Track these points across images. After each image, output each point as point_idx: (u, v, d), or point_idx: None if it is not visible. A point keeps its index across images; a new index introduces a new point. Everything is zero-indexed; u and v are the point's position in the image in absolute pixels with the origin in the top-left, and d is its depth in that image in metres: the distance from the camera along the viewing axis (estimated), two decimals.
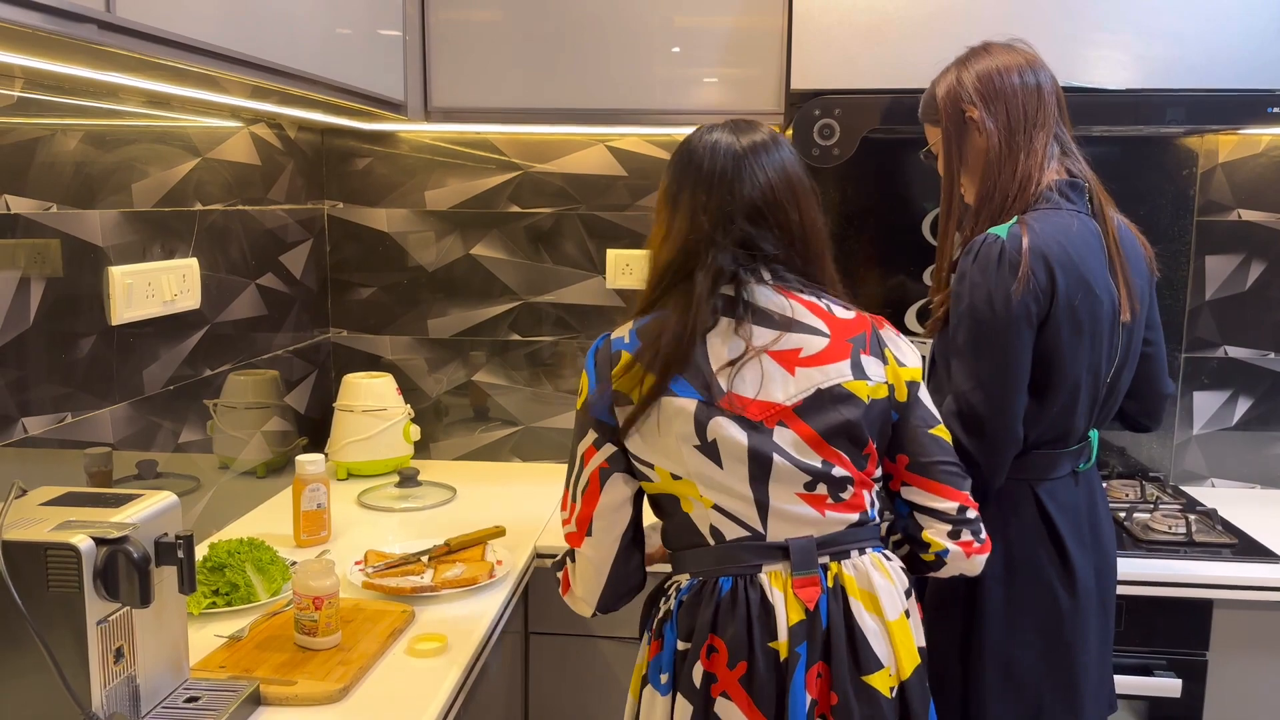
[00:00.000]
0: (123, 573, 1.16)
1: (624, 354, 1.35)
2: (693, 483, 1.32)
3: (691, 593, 1.34)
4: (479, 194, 2.47)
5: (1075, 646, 1.55)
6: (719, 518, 1.33)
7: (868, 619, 1.31)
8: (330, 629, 1.47)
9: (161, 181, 1.80)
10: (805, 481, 1.31)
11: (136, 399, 1.74)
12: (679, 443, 1.31)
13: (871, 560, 1.35)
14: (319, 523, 1.94)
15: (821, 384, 1.32)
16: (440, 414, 2.56)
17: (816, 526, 1.33)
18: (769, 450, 1.30)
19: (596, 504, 1.37)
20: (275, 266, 2.25)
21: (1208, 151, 2.31)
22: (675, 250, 1.35)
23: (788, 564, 1.31)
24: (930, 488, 1.38)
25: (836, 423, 1.31)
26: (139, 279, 1.71)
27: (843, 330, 1.35)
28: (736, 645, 1.29)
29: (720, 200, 1.33)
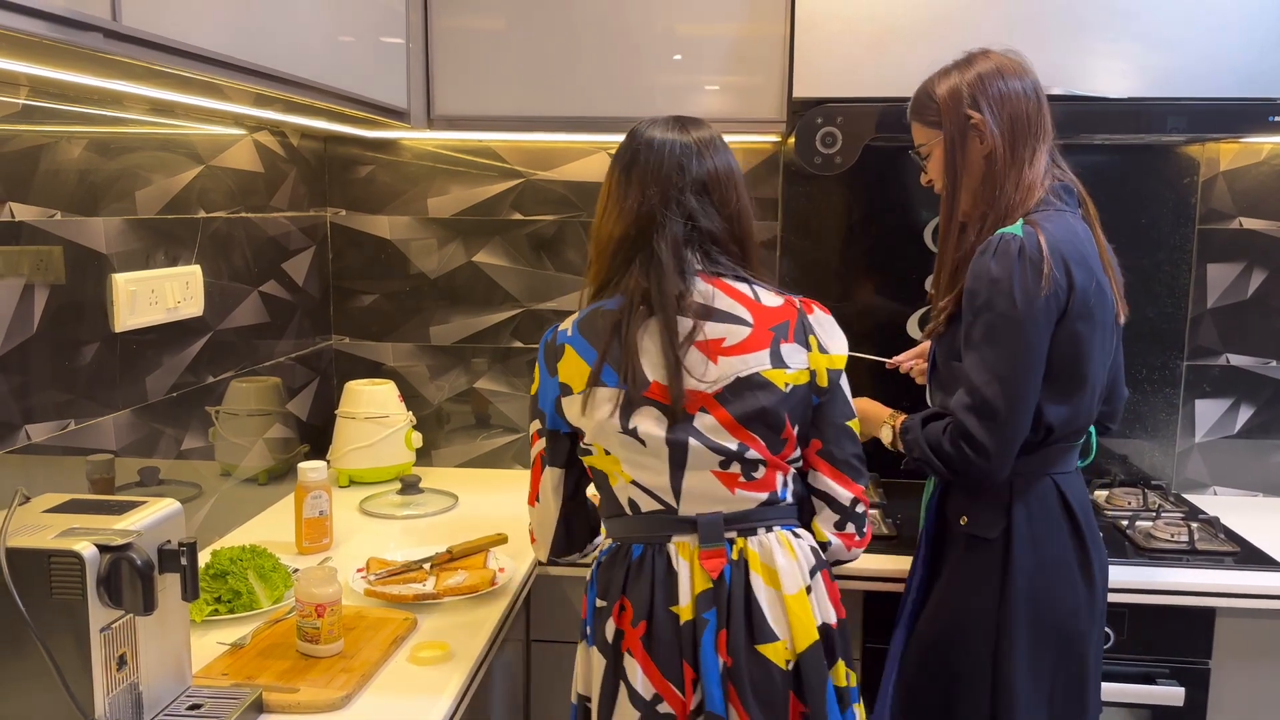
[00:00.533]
0: (126, 580, 1.16)
1: (566, 347, 1.46)
2: (618, 461, 1.44)
3: (609, 555, 1.49)
4: (481, 201, 2.47)
5: (1089, 640, 1.56)
6: (637, 492, 1.45)
7: (766, 592, 1.41)
8: (333, 636, 1.47)
9: (165, 189, 1.81)
10: (720, 461, 1.41)
11: (139, 406, 1.74)
12: (606, 427, 1.42)
13: (777, 538, 1.44)
14: (321, 530, 1.94)
15: (741, 372, 1.41)
16: (442, 421, 2.56)
17: (726, 503, 1.43)
18: (685, 437, 1.40)
19: (539, 480, 1.54)
20: (278, 274, 2.25)
21: (1209, 160, 2.31)
22: (626, 224, 1.44)
23: (696, 536, 1.42)
24: (834, 476, 1.47)
25: (753, 409, 1.41)
26: (142, 286, 1.71)
27: (766, 318, 1.44)
28: (639, 605, 1.42)
29: (669, 174, 1.44)
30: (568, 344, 1.46)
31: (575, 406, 1.45)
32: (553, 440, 1.50)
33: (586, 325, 1.46)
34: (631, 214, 1.44)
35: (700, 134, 1.47)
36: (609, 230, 1.47)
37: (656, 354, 1.41)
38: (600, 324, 1.44)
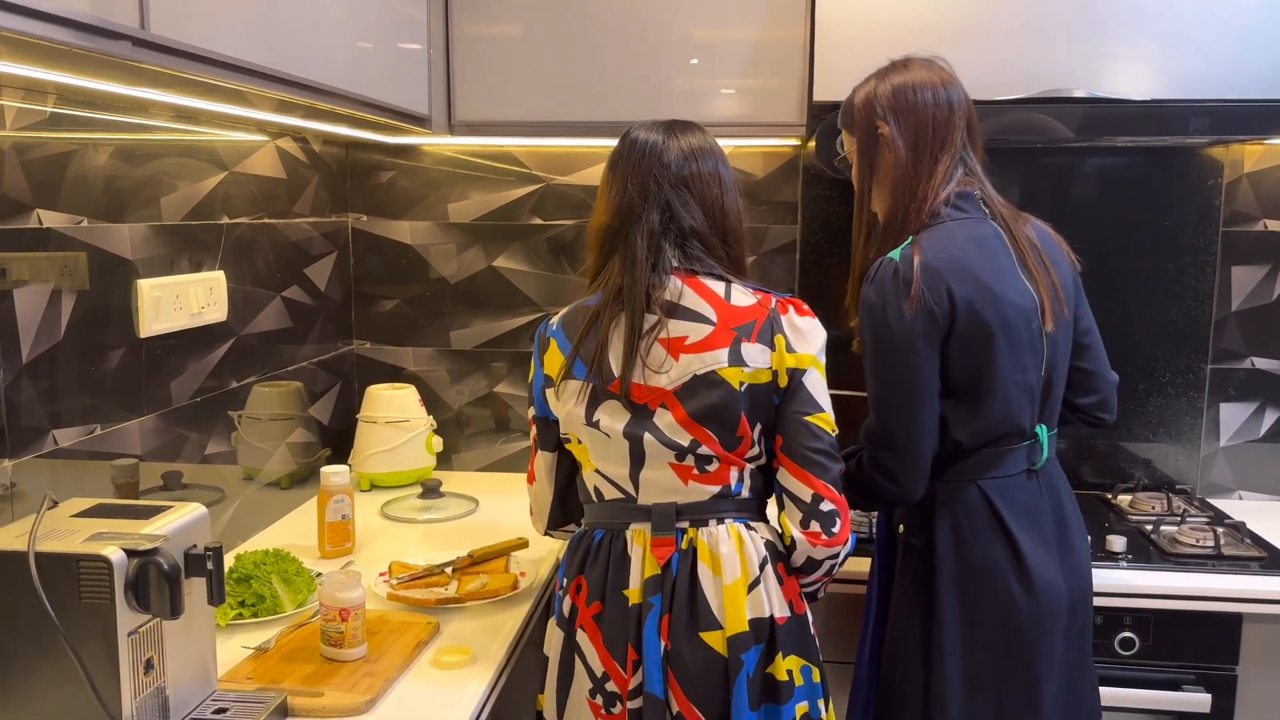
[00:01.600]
0: (153, 584, 1.17)
1: (550, 340, 1.53)
2: (586, 450, 1.51)
3: (577, 538, 1.56)
4: (501, 206, 2.48)
5: (1036, 645, 1.54)
6: (601, 481, 1.51)
7: (711, 581, 1.44)
8: (356, 641, 1.47)
9: (189, 195, 1.82)
10: (674, 454, 1.46)
11: (164, 411, 1.75)
12: (574, 417, 1.50)
13: (728, 529, 1.47)
14: (344, 534, 1.94)
15: (698, 370, 1.44)
16: (462, 425, 2.56)
17: (680, 494, 1.47)
18: (642, 432, 1.45)
19: (534, 463, 1.63)
20: (300, 279, 2.26)
21: (1233, 162, 2.30)
22: (610, 215, 1.50)
23: (650, 525, 1.47)
24: (795, 472, 1.47)
25: (706, 405, 1.44)
26: (167, 292, 1.72)
27: (731, 317, 1.45)
28: (595, 586, 1.49)
29: (650, 167, 1.48)
30: (552, 337, 1.53)
31: (553, 397, 1.53)
32: (543, 427, 1.58)
33: (569, 319, 1.53)
34: (613, 206, 1.50)
35: (688, 136, 1.51)
36: (594, 223, 1.54)
37: (621, 348, 1.46)
38: (579, 318, 1.51)
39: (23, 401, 1.42)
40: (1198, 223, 2.33)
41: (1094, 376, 1.71)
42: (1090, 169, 2.35)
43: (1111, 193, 2.35)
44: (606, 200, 1.51)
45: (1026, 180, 2.35)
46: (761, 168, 2.39)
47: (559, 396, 1.51)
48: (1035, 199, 2.34)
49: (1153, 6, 1.91)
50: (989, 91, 1.95)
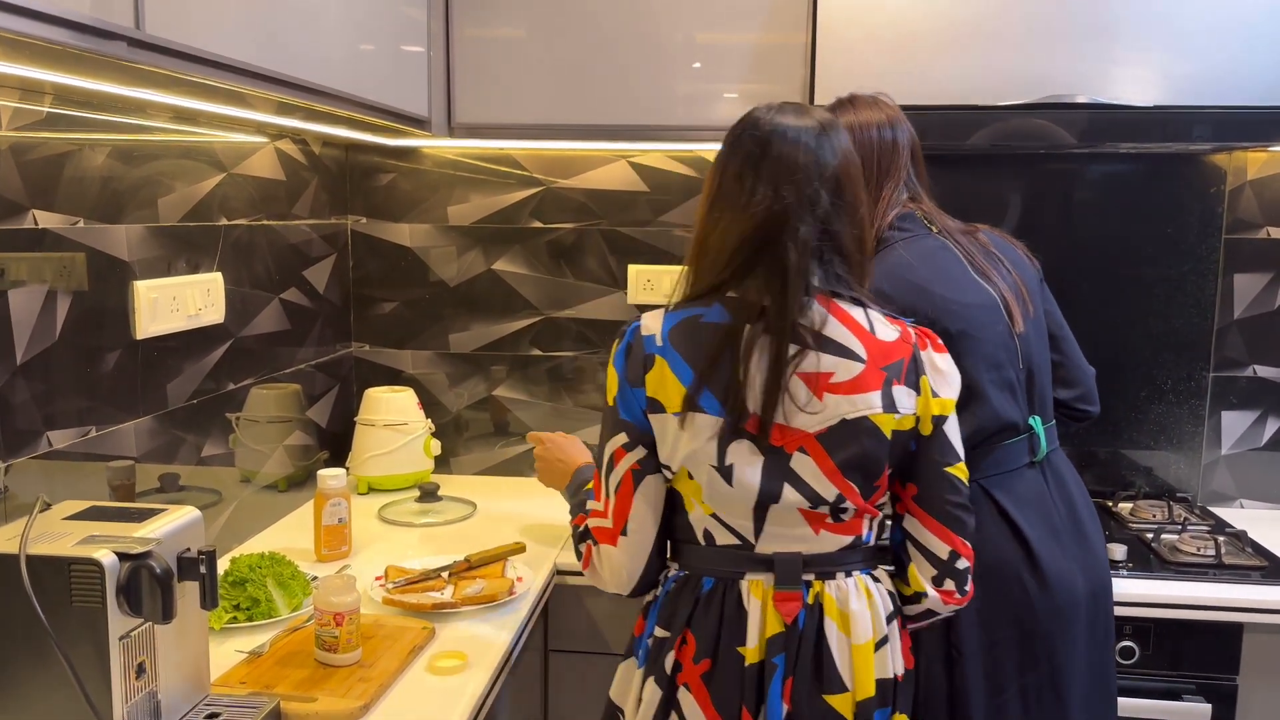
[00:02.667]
0: (145, 588, 1.16)
1: (657, 359, 1.31)
2: (700, 489, 1.33)
3: (676, 584, 1.38)
4: (501, 209, 2.47)
5: (1054, 639, 1.53)
6: (714, 524, 1.34)
7: (838, 640, 1.32)
8: (351, 645, 1.46)
9: (187, 196, 1.81)
10: (811, 503, 1.31)
11: (160, 413, 1.74)
12: (698, 456, 1.30)
13: (856, 583, 1.34)
14: (340, 537, 1.94)
15: (848, 414, 1.29)
16: (460, 429, 2.55)
17: (808, 544, 1.33)
18: (780, 480, 1.29)
19: (631, 505, 1.35)
20: (299, 281, 2.26)
21: (1236, 169, 2.29)
22: (751, 225, 1.28)
23: (771, 576, 1.32)
24: (930, 525, 1.36)
25: (856, 455, 1.30)
26: (164, 293, 1.72)
27: (880, 356, 1.31)
28: (705, 642, 1.33)
29: (807, 167, 1.28)
30: (659, 355, 1.31)
31: (667, 427, 1.31)
32: (646, 458, 1.34)
33: (681, 336, 1.31)
34: (759, 213, 1.28)
35: (835, 130, 1.33)
36: (726, 230, 1.30)
37: (760, 382, 1.28)
38: (700, 338, 1.30)
39: (17, 403, 1.42)
40: (1200, 230, 2.32)
41: (1070, 369, 1.74)
42: (1092, 175, 2.34)
43: (1114, 199, 2.34)
44: (745, 204, 1.28)
45: (1028, 186, 2.34)
46: None
47: (679, 430, 1.30)
48: (1037, 205, 2.34)
49: (1156, 11, 1.91)
50: (991, 97, 1.95)
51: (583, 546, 1.42)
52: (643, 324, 1.35)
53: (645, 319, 1.35)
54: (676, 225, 2.42)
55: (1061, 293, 1.77)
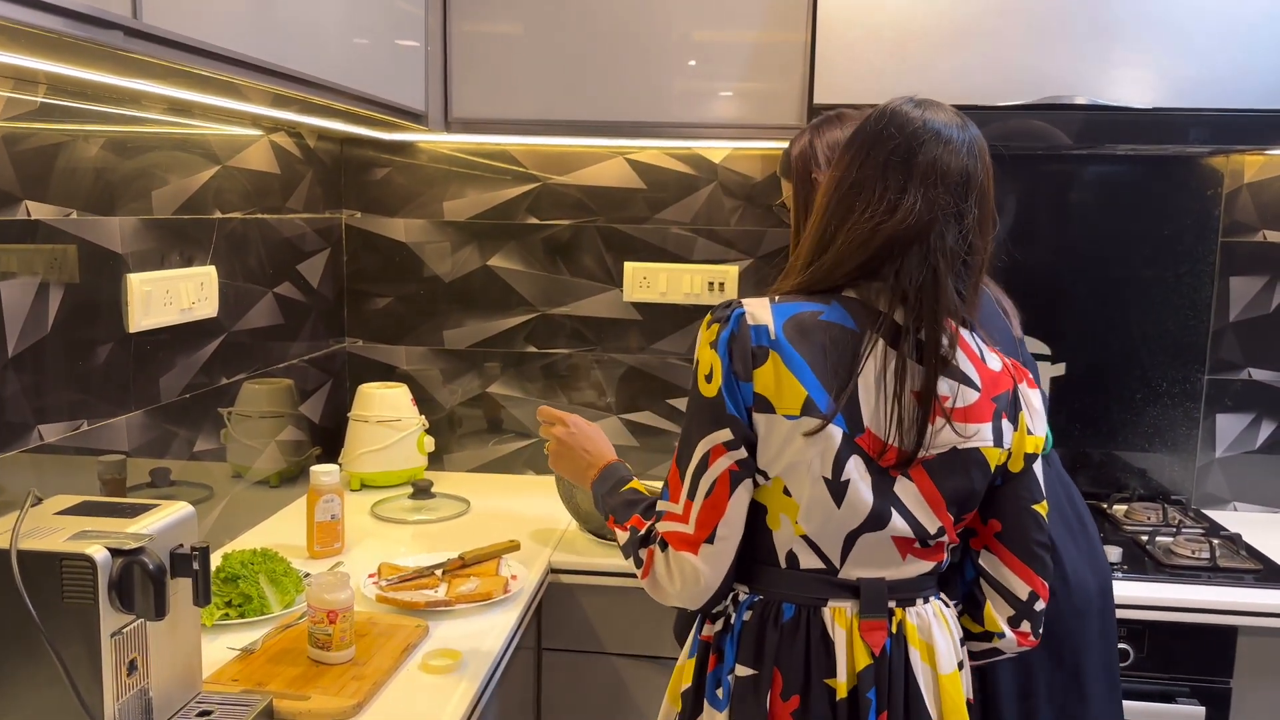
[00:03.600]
0: (138, 584, 1.14)
1: (772, 354, 1.19)
2: (795, 506, 1.21)
3: (753, 613, 1.26)
4: (497, 205, 2.46)
5: (1076, 637, 1.52)
6: (802, 546, 1.23)
7: (923, 670, 1.25)
8: (344, 643, 1.45)
9: (181, 189, 1.80)
10: (912, 535, 1.24)
11: (152, 407, 1.73)
12: (805, 467, 1.19)
13: (934, 610, 1.28)
14: (333, 534, 1.92)
15: (960, 444, 1.22)
16: (454, 425, 2.54)
17: (892, 570, 1.25)
18: (889, 508, 1.21)
19: (724, 512, 1.21)
20: (293, 275, 2.24)
21: (1233, 171, 2.29)
22: (895, 226, 1.18)
23: (855, 603, 1.24)
24: (1012, 565, 1.30)
25: (963, 489, 1.24)
26: (157, 286, 1.70)
27: (991, 385, 1.25)
28: (792, 677, 1.22)
29: (960, 173, 1.20)
30: (773, 350, 1.19)
31: (775, 430, 1.19)
32: (746, 460, 1.21)
33: (798, 330, 1.19)
34: (907, 216, 1.19)
35: (971, 125, 1.25)
36: (862, 226, 1.20)
37: (876, 397, 1.19)
38: (819, 337, 1.19)
39: (8, 396, 1.40)
40: (1197, 232, 2.32)
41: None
42: (1090, 177, 2.33)
43: (1111, 201, 2.34)
44: (889, 201, 1.19)
45: (1025, 188, 2.33)
46: (760, 170, 2.38)
47: (792, 434, 1.18)
48: (1034, 206, 2.33)
49: (1156, 13, 1.90)
50: (989, 97, 1.94)
51: (643, 552, 1.27)
52: (748, 312, 1.21)
53: (749, 306, 1.22)
54: (673, 223, 2.41)
55: (1059, 294, 1.77)
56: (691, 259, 2.41)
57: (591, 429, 1.57)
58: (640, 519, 1.31)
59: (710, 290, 2.40)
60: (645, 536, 1.29)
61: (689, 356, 2.45)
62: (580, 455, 1.52)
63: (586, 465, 1.50)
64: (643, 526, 1.30)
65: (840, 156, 1.28)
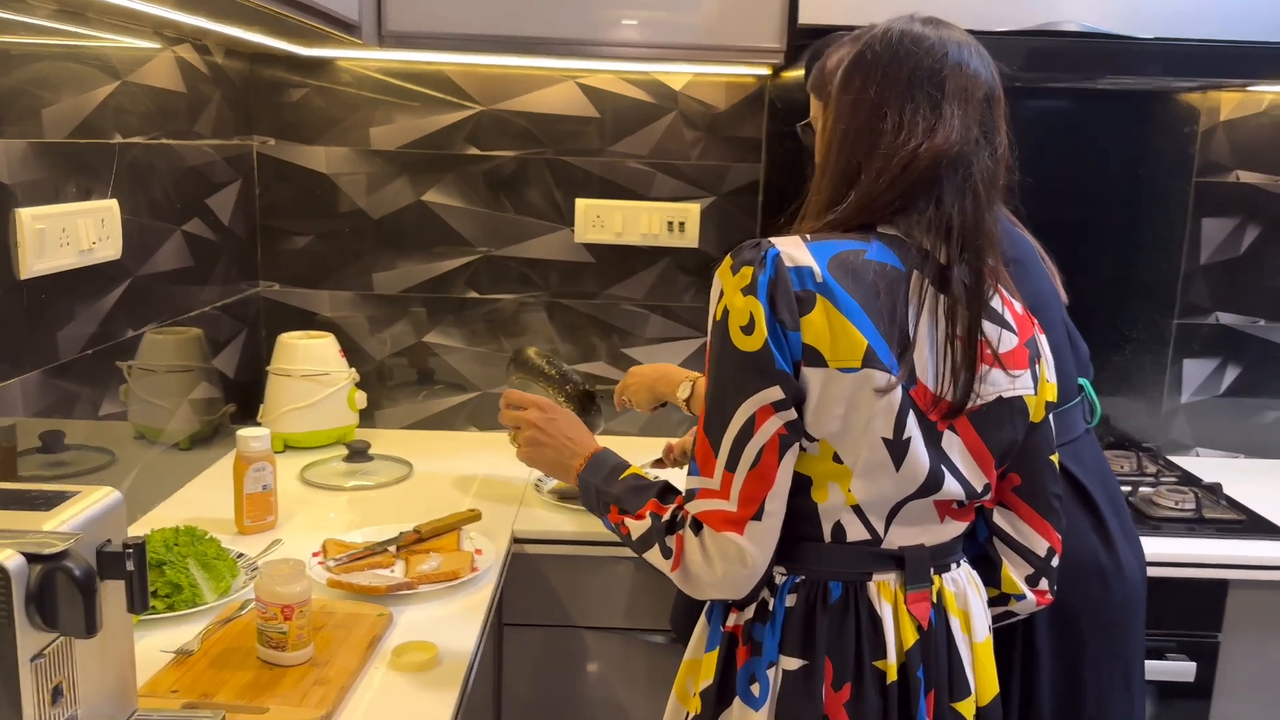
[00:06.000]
0: (62, 596, 0.92)
1: (819, 299, 1.05)
2: (848, 474, 1.09)
3: (797, 596, 1.12)
4: (432, 133, 2.21)
5: (1128, 626, 1.43)
6: (850, 517, 1.11)
7: (963, 641, 1.16)
8: (301, 642, 1.25)
9: (76, 108, 1.52)
10: (964, 496, 1.14)
11: (50, 366, 1.47)
12: (868, 428, 1.06)
13: (966, 574, 1.20)
14: (265, 507, 1.70)
15: (1006, 391, 1.13)
16: (385, 378, 2.31)
17: (931, 534, 1.15)
18: (940, 467, 1.11)
19: (774, 483, 1.07)
20: (201, 211, 1.97)
21: (1209, 109, 2.20)
22: (935, 153, 1.07)
23: (900, 574, 1.13)
24: (1031, 520, 1.22)
25: (1008, 441, 1.15)
26: (52, 224, 1.43)
27: (1023, 330, 1.17)
28: (843, 664, 1.10)
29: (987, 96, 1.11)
30: (820, 295, 1.05)
31: (830, 386, 1.05)
32: (795, 422, 1.07)
33: (845, 271, 1.06)
34: (948, 135, 1.08)
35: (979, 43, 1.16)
36: (902, 150, 1.08)
37: (927, 343, 1.08)
38: (867, 278, 1.07)
39: None
40: (1170, 172, 2.23)
41: None
42: (1065, 113, 2.22)
43: (1084, 138, 2.24)
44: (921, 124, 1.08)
45: None
46: (724, 99, 2.19)
47: (848, 389, 1.05)
48: None
49: None
50: (986, 21, 1.79)
51: (670, 540, 1.12)
52: (783, 251, 1.06)
53: (782, 246, 1.07)
54: (629, 156, 2.20)
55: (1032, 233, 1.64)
56: (649, 196, 2.22)
57: (569, 414, 1.40)
58: (658, 503, 1.16)
59: (670, 230, 2.21)
60: (671, 521, 1.13)
61: (647, 303, 2.27)
62: (562, 444, 1.36)
63: (570, 454, 1.34)
64: (664, 511, 1.14)
65: (847, 79, 1.15)
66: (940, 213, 1.09)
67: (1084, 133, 2.24)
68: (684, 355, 2.28)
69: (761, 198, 2.23)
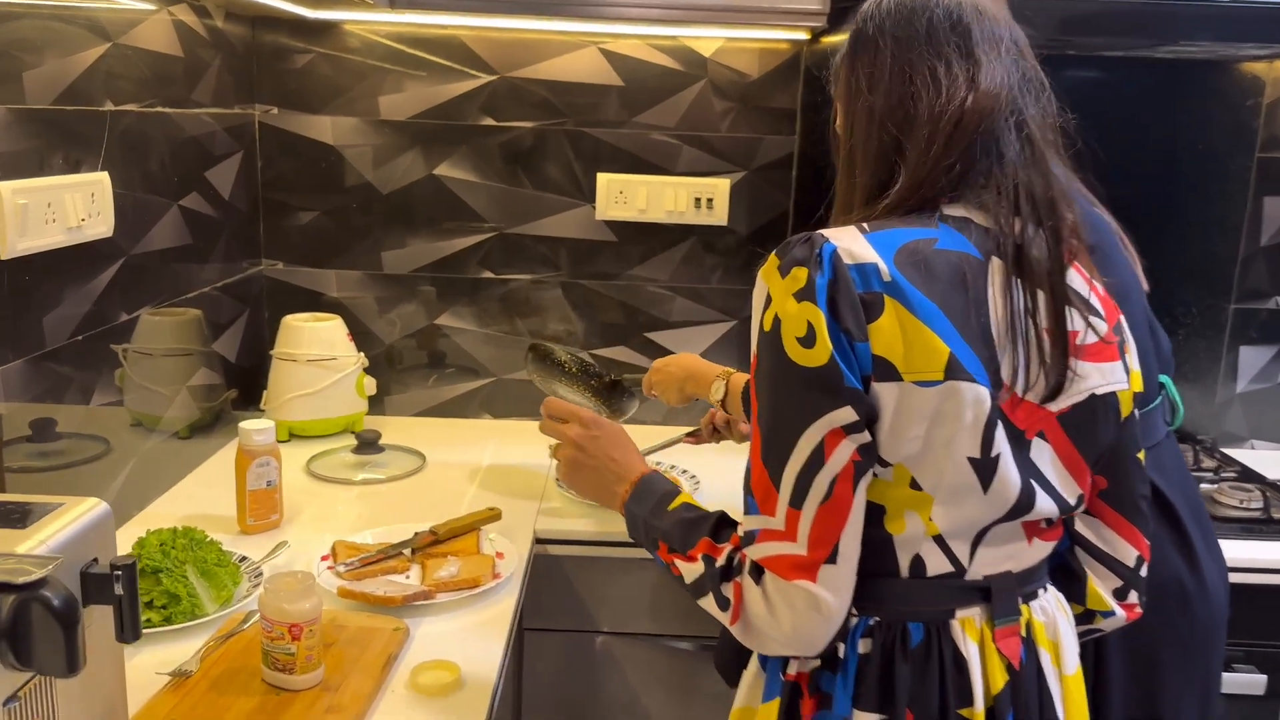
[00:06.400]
0: (39, 630, 0.80)
1: (888, 301, 0.91)
2: (928, 501, 0.95)
3: (873, 641, 0.98)
4: (445, 103, 2.07)
5: (1210, 651, 1.31)
6: (931, 548, 0.98)
7: (1053, 675, 1.03)
8: (311, 664, 1.13)
9: (62, 71, 1.39)
10: (1059, 513, 1.02)
11: (36, 354, 1.34)
12: (952, 447, 0.93)
13: (1055, 599, 1.07)
14: (269, 504, 1.58)
15: (1099, 387, 1.00)
16: (394, 363, 2.19)
17: (1018, 559, 1.02)
18: (1031, 484, 0.97)
19: (847, 518, 0.93)
20: (200, 184, 1.84)
21: (1275, 80, 2.06)
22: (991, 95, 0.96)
23: (986, 608, 1.00)
24: (1119, 526, 1.09)
25: (1103, 444, 1.02)
26: (37, 199, 1.30)
27: (1109, 313, 1.03)
28: (925, 717, 0.97)
29: (1011, 34, 1.00)
30: (889, 296, 0.91)
31: (906, 403, 0.91)
32: (869, 446, 0.93)
33: (916, 266, 0.93)
34: (991, 82, 0.96)
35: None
36: (947, 109, 0.95)
37: (1009, 339, 0.95)
38: (941, 271, 0.93)
39: None
40: (1231, 147, 2.10)
41: None
42: (1119, 83, 2.08)
43: (1140, 111, 2.10)
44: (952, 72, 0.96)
45: None
46: (757, 67, 2.05)
47: (931, 405, 0.91)
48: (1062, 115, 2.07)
49: None
50: None
51: (727, 588, 0.98)
52: (840, 247, 0.93)
53: (838, 240, 0.93)
54: (655, 127, 2.07)
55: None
56: (675, 170, 2.09)
57: (614, 429, 1.25)
58: (712, 543, 1.02)
59: (697, 207, 2.08)
60: (727, 566, 0.99)
61: (672, 285, 2.14)
62: (606, 465, 1.22)
63: (614, 479, 1.20)
64: (719, 554, 1.00)
65: (852, 57, 1.03)
66: (1004, 169, 0.97)
67: (1128, 106, 2.10)
68: (710, 341, 2.16)
69: (796, 172, 2.10)
